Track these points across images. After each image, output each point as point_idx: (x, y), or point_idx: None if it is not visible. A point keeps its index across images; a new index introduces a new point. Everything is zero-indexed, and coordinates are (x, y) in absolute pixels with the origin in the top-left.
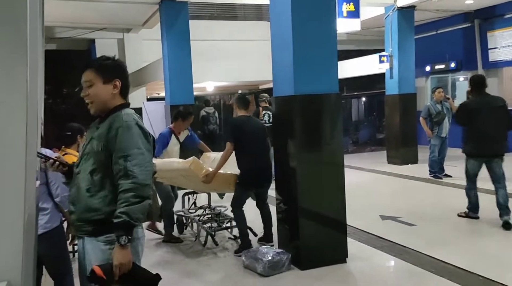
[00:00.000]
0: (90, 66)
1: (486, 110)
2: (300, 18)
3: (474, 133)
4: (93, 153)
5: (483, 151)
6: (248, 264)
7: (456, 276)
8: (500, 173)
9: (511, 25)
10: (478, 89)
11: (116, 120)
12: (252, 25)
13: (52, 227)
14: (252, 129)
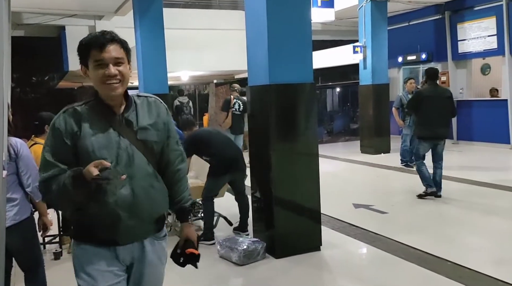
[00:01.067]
0: (117, 41)
1: (437, 98)
2: (275, 7)
3: (426, 119)
4: (152, 145)
5: (433, 134)
6: (223, 254)
7: (426, 262)
8: (441, 154)
9: (480, 17)
10: (431, 80)
11: (159, 106)
12: (227, 14)
13: (22, 218)
14: (216, 141)
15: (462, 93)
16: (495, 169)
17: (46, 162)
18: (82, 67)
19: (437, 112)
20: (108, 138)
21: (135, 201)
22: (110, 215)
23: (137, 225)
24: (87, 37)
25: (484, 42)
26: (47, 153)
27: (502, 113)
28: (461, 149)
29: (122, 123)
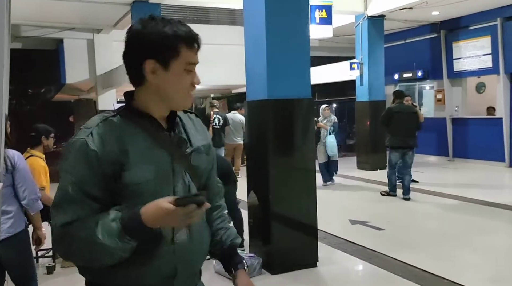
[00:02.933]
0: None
1: (404, 114)
2: (274, 23)
3: (396, 131)
4: (202, 173)
5: (403, 144)
6: (219, 269)
7: (423, 280)
8: (410, 162)
9: (475, 36)
10: (398, 100)
11: (202, 124)
12: (226, 29)
13: (16, 231)
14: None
15: (457, 111)
16: (491, 186)
17: (69, 197)
18: (151, 64)
19: (405, 126)
20: (162, 164)
21: (191, 247)
22: (164, 271)
23: (190, 280)
24: (175, 28)
25: (479, 61)
26: (71, 185)
27: (497, 132)
28: (456, 166)
29: (174, 143)
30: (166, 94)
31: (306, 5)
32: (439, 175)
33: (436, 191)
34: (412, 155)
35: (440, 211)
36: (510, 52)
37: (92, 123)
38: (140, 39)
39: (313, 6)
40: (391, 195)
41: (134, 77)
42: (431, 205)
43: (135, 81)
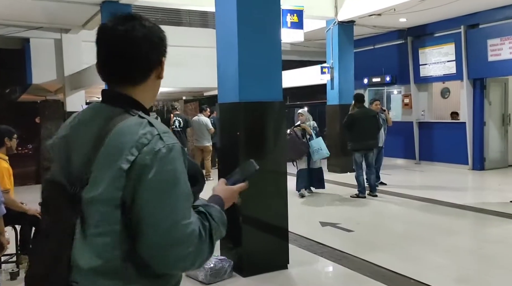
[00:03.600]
0: None
1: (365, 118)
2: (245, 26)
3: (357, 134)
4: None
5: (364, 147)
6: (189, 272)
7: (390, 280)
8: (372, 161)
9: (440, 43)
10: (359, 103)
11: None
12: (197, 31)
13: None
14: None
15: (423, 115)
16: (455, 189)
17: (190, 198)
18: (158, 67)
19: (366, 129)
20: None
21: None
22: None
23: None
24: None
25: (444, 67)
26: (189, 187)
27: (461, 136)
28: (423, 169)
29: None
30: (155, 94)
31: (278, 9)
32: (406, 178)
33: (403, 193)
34: (374, 155)
35: (407, 213)
36: (473, 58)
37: (166, 128)
38: (162, 37)
39: (284, 10)
40: (361, 197)
41: (138, 75)
42: (399, 207)
43: (136, 80)
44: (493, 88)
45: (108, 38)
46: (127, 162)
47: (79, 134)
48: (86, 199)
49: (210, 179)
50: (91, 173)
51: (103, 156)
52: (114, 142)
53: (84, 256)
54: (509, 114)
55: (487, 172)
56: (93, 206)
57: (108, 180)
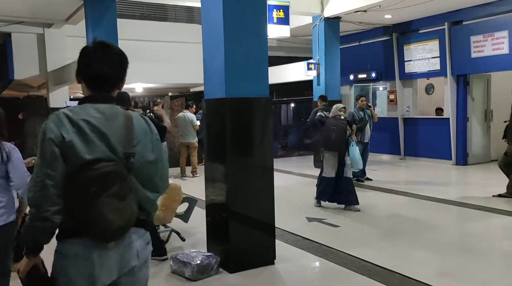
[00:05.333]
0: None
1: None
2: (232, 22)
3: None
4: None
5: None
6: (176, 269)
7: (376, 274)
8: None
9: (425, 40)
10: (325, 101)
11: None
12: (184, 27)
13: (7, 221)
14: None
15: (408, 111)
16: (439, 184)
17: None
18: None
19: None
20: None
21: None
22: None
23: None
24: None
25: (428, 64)
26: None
27: (444, 131)
28: (407, 164)
29: None
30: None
31: (264, 4)
32: (391, 173)
33: (388, 188)
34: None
35: (392, 208)
36: (456, 55)
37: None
38: (126, 59)
39: (270, 5)
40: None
41: (120, 83)
42: (384, 202)
43: (118, 87)
44: (476, 84)
45: (107, 55)
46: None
47: (110, 125)
48: (142, 162)
49: (196, 175)
50: (136, 146)
51: (140, 135)
52: (139, 127)
53: (150, 193)
54: (491, 110)
55: (470, 167)
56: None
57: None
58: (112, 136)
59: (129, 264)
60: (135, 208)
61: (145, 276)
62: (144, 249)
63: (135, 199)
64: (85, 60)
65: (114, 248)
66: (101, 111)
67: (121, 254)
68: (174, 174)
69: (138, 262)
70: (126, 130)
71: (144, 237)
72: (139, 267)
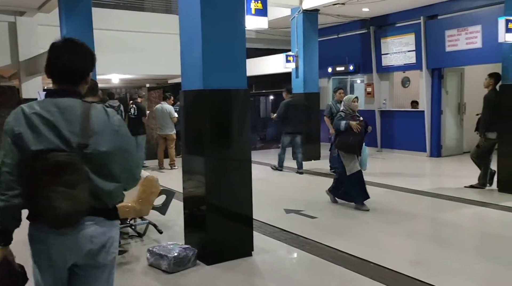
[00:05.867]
0: None
1: (296, 106)
2: (209, 12)
3: (289, 120)
4: None
5: (294, 130)
6: (152, 262)
7: (351, 264)
8: (299, 143)
9: (401, 33)
10: (290, 93)
11: None
12: (161, 17)
13: None
14: None
15: (385, 104)
16: (414, 175)
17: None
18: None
19: (296, 116)
20: None
21: None
22: None
23: None
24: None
25: (404, 57)
26: None
27: (419, 124)
28: (384, 156)
29: None
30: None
31: None
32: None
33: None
34: (299, 137)
35: (369, 199)
36: (432, 49)
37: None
38: (93, 55)
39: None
40: (279, 170)
41: (85, 79)
42: None
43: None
44: (450, 78)
45: (72, 51)
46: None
47: (65, 118)
48: (96, 152)
49: (174, 168)
50: (90, 137)
51: (97, 126)
52: (97, 119)
53: (105, 183)
54: (465, 103)
55: (444, 159)
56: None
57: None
58: (65, 128)
59: (83, 248)
60: (87, 196)
61: (106, 263)
62: (101, 235)
63: (88, 188)
64: (51, 55)
65: (68, 233)
66: (57, 105)
67: (75, 239)
68: (152, 166)
69: (91, 248)
70: (81, 122)
71: (102, 224)
72: (97, 251)
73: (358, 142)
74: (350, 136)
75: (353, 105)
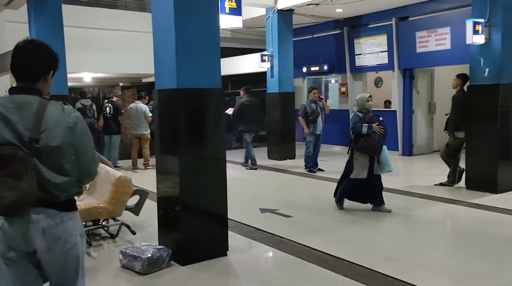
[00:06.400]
0: None
1: (252, 105)
2: (182, 10)
3: (246, 118)
4: None
5: (251, 128)
6: (125, 263)
7: (325, 262)
8: (256, 139)
9: (374, 34)
10: (248, 93)
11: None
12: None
13: None
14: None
15: None
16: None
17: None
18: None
19: (252, 114)
20: None
21: None
22: None
23: None
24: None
25: (377, 57)
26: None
27: (392, 123)
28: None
29: None
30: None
31: None
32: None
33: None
34: (256, 134)
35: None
36: (403, 50)
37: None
38: (52, 55)
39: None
40: (253, 169)
41: (44, 77)
42: None
43: (40, 79)
44: (420, 78)
45: (30, 51)
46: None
47: (19, 114)
48: (47, 147)
49: (148, 168)
50: (42, 133)
51: (50, 122)
52: (52, 115)
53: (54, 176)
54: (435, 103)
55: (415, 157)
56: (58, 150)
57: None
58: (19, 123)
59: (33, 239)
60: (34, 188)
61: (63, 251)
62: (53, 228)
63: (35, 180)
64: (12, 55)
65: (19, 222)
66: (15, 102)
67: (25, 228)
68: (125, 166)
69: (44, 240)
70: (35, 118)
71: (55, 217)
72: (52, 244)
73: (379, 145)
74: (374, 138)
75: (367, 105)
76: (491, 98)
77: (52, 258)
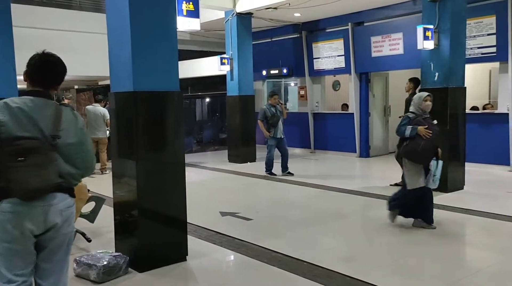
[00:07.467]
0: None
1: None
2: (138, 12)
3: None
4: None
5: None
6: (80, 272)
7: (285, 264)
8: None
9: (331, 38)
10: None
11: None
12: (89, 16)
13: None
14: None
15: (317, 107)
16: (345, 176)
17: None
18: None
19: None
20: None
21: None
22: None
23: None
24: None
25: (334, 61)
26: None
27: (349, 126)
28: (317, 158)
29: None
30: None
31: None
32: (302, 166)
33: (300, 181)
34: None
35: (302, 200)
36: (359, 54)
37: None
38: (66, 69)
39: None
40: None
41: (55, 86)
42: (295, 194)
43: (55, 87)
44: (376, 82)
45: (53, 65)
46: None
47: (40, 113)
48: (64, 143)
49: (105, 172)
50: (61, 131)
51: (66, 123)
52: (67, 118)
53: (69, 167)
54: (390, 106)
55: (372, 159)
56: (73, 146)
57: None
58: (41, 121)
59: (53, 220)
60: (55, 176)
61: (67, 233)
62: (66, 210)
63: (56, 170)
64: (32, 64)
65: (40, 206)
66: (34, 102)
67: (46, 211)
68: None
69: (61, 219)
70: (54, 118)
71: (67, 201)
72: (61, 224)
73: (430, 149)
74: (421, 141)
75: (424, 105)
76: (441, 101)
77: (60, 237)
